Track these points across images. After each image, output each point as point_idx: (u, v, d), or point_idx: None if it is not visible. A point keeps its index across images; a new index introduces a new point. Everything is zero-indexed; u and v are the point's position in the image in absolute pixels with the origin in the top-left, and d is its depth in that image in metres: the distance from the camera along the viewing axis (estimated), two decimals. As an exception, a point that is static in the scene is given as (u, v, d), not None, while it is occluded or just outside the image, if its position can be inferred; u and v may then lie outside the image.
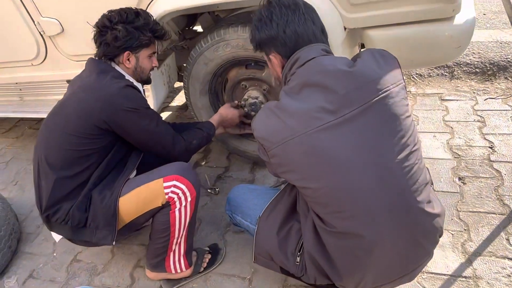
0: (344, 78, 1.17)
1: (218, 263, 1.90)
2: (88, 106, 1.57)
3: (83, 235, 1.64)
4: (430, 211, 1.22)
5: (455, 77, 2.99)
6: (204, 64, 2.03)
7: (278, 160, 1.25)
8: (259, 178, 2.40)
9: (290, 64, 1.30)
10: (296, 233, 1.40)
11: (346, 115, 1.15)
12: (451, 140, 2.40)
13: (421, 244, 1.25)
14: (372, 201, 1.16)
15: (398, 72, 1.24)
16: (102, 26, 1.65)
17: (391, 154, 1.16)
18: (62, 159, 1.60)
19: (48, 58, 2.33)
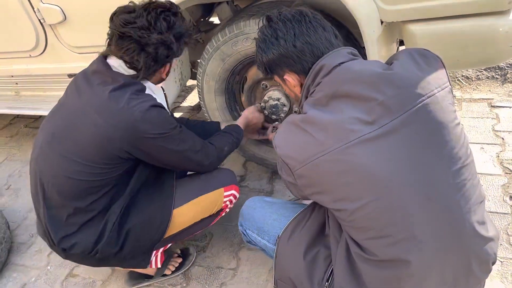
0: (380, 84, 1.14)
1: (185, 268, 2.00)
2: (106, 134, 1.47)
3: (111, 263, 1.74)
4: (484, 234, 1.18)
5: (508, 81, 2.93)
6: (221, 60, 2.03)
7: (307, 181, 1.22)
8: (279, 189, 2.38)
9: (313, 74, 1.26)
10: (324, 260, 1.37)
11: (386, 126, 1.11)
12: (502, 153, 2.35)
13: (473, 271, 1.20)
14: (419, 225, 1.12)
15: (443, 73, 1.21)
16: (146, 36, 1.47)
17: (439, 169, 1.12)
18: (75, 190, 1.54)
19: (48, 49, 2.37)
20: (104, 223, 1.59)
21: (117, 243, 1.61)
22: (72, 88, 1.62)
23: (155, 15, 1.50)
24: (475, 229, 1.16)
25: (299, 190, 1.29)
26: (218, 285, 1.91)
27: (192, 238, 2.14)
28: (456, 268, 1.18)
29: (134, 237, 1.63)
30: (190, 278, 1.97)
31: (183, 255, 2.02)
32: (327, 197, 1.22)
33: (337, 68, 1.22)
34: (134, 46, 1.49)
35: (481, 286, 1.29)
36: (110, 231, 1.58)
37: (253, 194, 2.35)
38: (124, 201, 1.62)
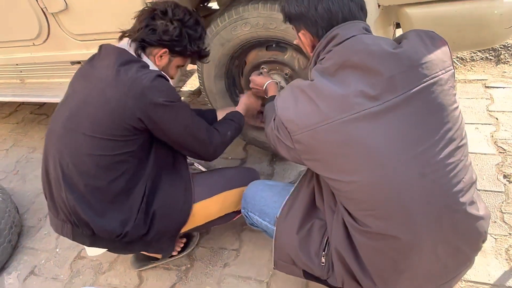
0: (388, 60, 1.13)
1: (189, 249, 2.01)
2: (119, 104, 1.47)
3: (136, 248, 1.74)
4: (474, 213, 1.18)
5: (501, 62, 2.90)
6: (220, 45, 2.01)
7: (304, 148, 1.21)
8: (278, 171, 2.38)
9: (326, 41, 1.25)
10: (318, 231, 1.39)
11: (389, 102, 1.11)
12: (496, 133, 2.33)
13: (463, 250, 1.22)
14: (411, 201, 1.12)
15: (448, 56, 1.20)
16: (161, 12, 1.61)
17: (435, 149, 1.12)
18: (95, 167, 1.53)
19: (50, 38, 2.34)
20: (130, 204, 1.58)
21: (145, 225, 1.61)
22: (77, 77, 1.65)
23: (181, 6, 1.64)
24: (465, 208, 1.17)
25: (295, 153, 1.27)
26: (222, 266, 1.92)
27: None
28: (447, 246, 1.19)
29: (160, 220, 1.63)
30: (194, 259, 1.98)
31: (186, 237, 2.02)
32: (323, 166, 1.22)
33: (350, 39, 1.21)
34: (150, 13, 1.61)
35: (470, 263, 1.30)
36: (137, 212, 1.58)
37: (254, 176, 2.35)
38: (145, 182, 1.61)
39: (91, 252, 1.77)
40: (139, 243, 1.65)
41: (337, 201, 1.30)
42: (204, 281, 1.87)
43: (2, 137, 3.23)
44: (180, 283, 1.89)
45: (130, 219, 1.57)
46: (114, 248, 1.70)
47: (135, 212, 1.58)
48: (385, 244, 1.19)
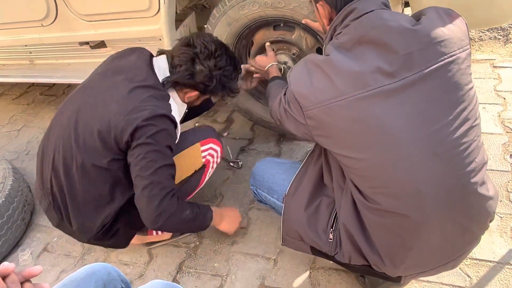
0: (407, 37, 1.10)
1: None
2: (114, 118, 1.44)
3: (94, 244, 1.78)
4: (485, 193, 1.17)
5: (510, 41, 2.84)
6: (227, 24, 1.98)
7: (316, 123, 1.19)
8: (286, 151, 2.37)
9: (344, 15, 1.21)
10: (326, 208, 1.38)
11: (406, 79, 1.08)
12: (503, 112, 2.30)
13: (470, 229, 1.21)
14: (423, 179, 1.11)
15: (466, 35, 1.16)
16: (204, 57, 1.55)
17: (449, 128, 1.10)
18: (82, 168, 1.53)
19: (58, 18, 2.31)
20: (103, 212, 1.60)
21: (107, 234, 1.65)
22: (103, 68, 1.64)
23: (223, 52, 1.58)
24: (477, 188, 1.15)
25: (306, 129, 1.24)
26: (230, 243, 1.93)
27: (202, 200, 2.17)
28: (456, 225, 1.18)
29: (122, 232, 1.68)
30: (203, 236, 1.99)
31: None
32: (335, 142, 1.20)
33: (369, 14, 1.17)
34: (191, 54, 1.55)
35: (477, 241, 1.29)
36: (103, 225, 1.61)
37: (261, 156, 2.35)
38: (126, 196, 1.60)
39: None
40: (98, 242, 1.72)
41: (346, 178, 1.29)
42: (213, 258, 1.88)
43: (13, 118, 3.24)
44: (189, 259, 1.90)
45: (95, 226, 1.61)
46: (75, 237, 1.75)
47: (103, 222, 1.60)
48: (394, 222, 1.18)
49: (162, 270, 1.88)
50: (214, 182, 2.26)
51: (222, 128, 2.66)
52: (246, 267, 1.82)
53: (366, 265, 1.34)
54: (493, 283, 1.59)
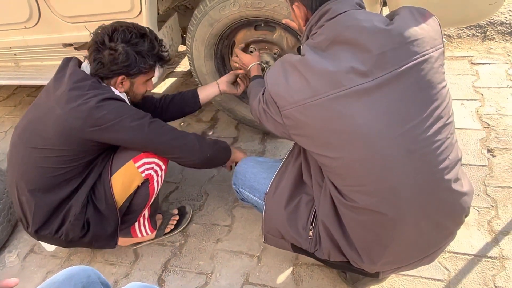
0: (380, 36, 1.09)
1: (182, 226, 2.00)
2: (68, 124, 1.49)
3: (81, 245, 1.77)
4: (459, 189, 1.17)
5: (487, 38, 2.86)
6: (209, 25, 1.96)
7: (293, 123, 1.18)
8: (270, 149, 2.36)
9: (318, 15, 1.20)
10: (306, 205, 1.37)
11: (379, 78, 1.07)
12: (481, 108, 2.32)
13: (445, 225, 1.21)
14: (398, 177, 1.11)
15: (439, 34, 1.16)
16: (101, 43, 1.54)
17: (423, 126, 1.09)
18: (41, 177, 1.58)
19: (41, 20, 2.27)
20: (67, 209, 1.62)
21: (82, 230, 1.65)
22: (46, 87, 1.65)
23: (120, 30, 1.54)
24: (450, 185, 1.15)
25: (283, 128, 1.24)
26: (215, 241, 1.92)
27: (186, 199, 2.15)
28: (431, 221, 1.18)
29: (94, 225, 1.66)
30: (188, 235, 1.98)
31: (180, 214, 2.02)
32: (311, 141, 1.19)
33: (342, 14, 1.16)
34: (93, 46, 1.56)
35: (452, 236, 1.30)
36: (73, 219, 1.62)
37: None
38: (86, 192, 1.63)
39: (48, 248, 1.85)
40: (79, 242, 1.72)
41: (324, 176, 1.28)
42: (198, 256, 1.87)
43: (0, 119, 3.19)
44: (174, 258, 1.89)
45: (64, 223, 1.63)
46: (58, 244, 1.75)
47: (72, 218, 1.62)
48: (371, 219, 1.18)
49: (148, 269, 1.86)
50: (199, 181, 2.25)
51: (207, 127, 2.65)
52: (230, 264, 1.80)
53: (345, 262, 1.34)
54: (471, 275, 1.59)
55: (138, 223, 1.85)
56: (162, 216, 1.99)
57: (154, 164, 1.66)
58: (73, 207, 1.62)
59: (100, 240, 1.72)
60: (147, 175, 1.65)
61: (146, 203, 1.75)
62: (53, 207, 1.62)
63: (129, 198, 1.69)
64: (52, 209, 1.62)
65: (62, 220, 1.63)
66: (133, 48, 1.55)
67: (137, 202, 1.72)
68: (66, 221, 1.63)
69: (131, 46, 1.54)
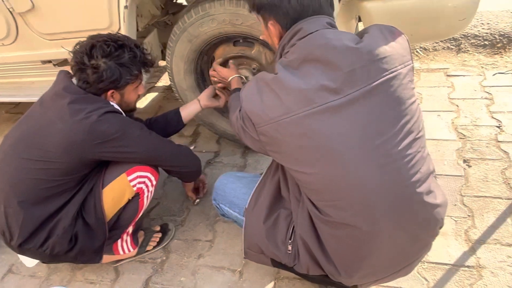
0: (349, 55, 1.12)
1: (164, 244, 1.98)
2: (69, 139, 1.49)
3: (65, 259, 1.73)
4: (432, 201, 1.19)
5: (462, 51, 2.94)
6: (188, 41, 1.98)
7: (268, 139, 1.20)
8: (251, 163, 2.37)
9: (290, 35, 1.23)
10: (284, 220, 1.38)
11: (349, 96, 1.10)
12: (457, 119, 2.37)
13: (420, 237, 1.23)
14: (370, 191, 1.13)
15: (407, 51, 1.20)
16: (81, 63, 1.53)
17: (394, 141, 1.12)
18: (33, 189, 1.56)
19: (19, 38, 2.26)
20: (56, 222, 1.60)
21: (69, 243, 1.63)
22: (40, 100, 1.64)
23: (95, 43, 1.54)
24: (423, 198, 1.18)
25: (260, 145, 1.26)
26: (196, 257, 1.91)
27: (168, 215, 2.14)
28: (405, 234, 1.20)
29: (81, 239, 1.65)
30: (169, 251, 1.96)
31: (162, 231, 2.00)
32: (286, 157, 1.21)
33: (313, 33, 1.19)
34: (75, 67, 1.56)
35: (428, 248, 1.32)
36: (61, 232, 1.60)
37: (227, 169, 2.34)
38: (76, 205, 1.62)
39: (28, 263, 1.80)
40: (64, 256, 1.69)
41: (301, 191, 1.30)
42: (179, 273, 1.85)
43: (-22, 137, 3.14)
44: (156, 275, 1.86)
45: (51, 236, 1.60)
46: (40, 258, 1.72)
47: (61, 231, 1.60)
48: (346, 233, 1.19)
49: (129, 287, 1.84)
50: (180, 196, 2.24)
51: (189, 141, 2.64)
52: (212, 280, 1.79)
53: (324, 275, 1.35)
54: (450, 285, 1.61)
55: (121, 240, 1.83)
56: (144, 233, 1.98)
57: (147, 178, 1.67)
58: (62, 220, 1.59)
59: (86, 254, 1.69)
60: (138, 189, 1.66)
61: (134, 218, 1.74)
62: (42, 220, 1.59)
63: (118, 212, 1.68)
64: (40, 222, 1.59)
65: (49, 233, 1.60)
66: (115, 61, 1.54)
67: (125, 216, 1.71)
68: (53, 234, 1.60)
69: (112, 59, 1.54)
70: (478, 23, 3.00)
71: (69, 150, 1.51)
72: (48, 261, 1.75)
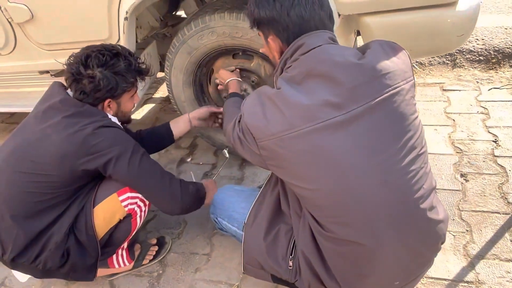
0: (352, 70, 1.11)
1: (161, 257, 1.94)
2: (62, 151, 1.47)
3: (57, 275, 1.70)
4: (434, 217, 1.18)
5: (457, 66, 2.96)
6: (187, 53, 1.97)
7: (269, 154, 1.18)
8: (248, 175, 2.35)
9: (293, 49, 1.22)
10: (284, 235, 1.36)
11: (353, 111, 1.09)
12: (453, 134, 2.37)
13: (423, 253, 1.22)
14: (374, 207, 1.11)
15: (409, 67, 1.19)
16: (77, 74, 1.52)
17: (397, 157, 1.11)
18: (26, 202, 1.53)
19: (17, 48, 2.25)
20: (48, 237, 1.57)
21: (61, 259, 1.60)
22: (33, 112, 1.61)
23: (90, 53, 1.53)
24: (426, 214, 1.16)
25: (260, 159, 1.23)
26: (193, 271, 1.87)
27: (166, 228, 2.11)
28: (408, 250, 1.19)
29: (73, 256, 1.62)
30: (166, 264, 1.93)
31: (159, 244, 1.97)
32: (288, 172, 1.19)
33: (316, 49, 1.17)
34: (71, 78, 1.54)
35: (430, 264, 1.30)
36: (53, 247, 1.57)
37: (225, 181, 2.32)
38: (68, 220, 1.59)
39: (21, 278, 1.76)
40: (56, 272, 1.66)
41: (302, 206, 1.28)
42: (176, 287, 1.81)
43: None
44: (152, 289, 1.83)
45: (43, 251, 1.57)
46: (34, 274, 1.69)
47: (53, 246, 1.57)
48: (349, 249, 1.17)
49: (124, 302, 1.80)
50: (177, 208, 2.21)
51: (186, 153, 2.62)
52: (209, 294, 1.76)
53: (326, 293, 1.32)
54: (449, 300, 1.60)
55: (116, 254, 1.80)
56: (141, 246, 1.94)
57: (138, 199, 1.63)
58: (54, 235, 1.56)
59: (78, 271, 1.66)
60: (130, 210, 1.61)
61: (127, 237, 1.71)
62: (35, 234, 1.55)
63: (109, 231, 1.64)
64: (33, 236, 1.55)
65: (42, 248, 1.57)
66: (111, 69, 1.53)
67: (118, 236, 1.68)
68: (45, 249, 1.57)
69: (108, 68, 1.53)
70: (473, 38, 3.02)
71: (62, 162, 1.48)
72: (41, 276, 1.71)
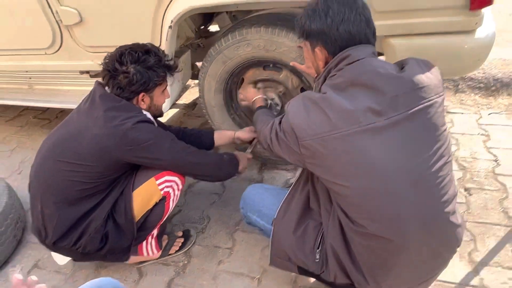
0: (393, 82, 1.16)
1: (186, 248, 1.97)
2: (102, 143, 1.52)
3: (95, 258, 1.75)
4: (455, 221, 1.22)
5: (459, 91, 3.02)
6: (222, 62, 2.01)
7: (310, 153, 1.21)
8: (267, 179, 2.38)
9: (338, 59, 1.26)
10: (313, 230, 1.39)
11: (392, 118, 1.13)
12: (457, 151, 2.41)
13: (442, 253, 1.26)
14: (404, 207, 1.15)
15: (441, 83, 1.24)
16: (113, 70, 1.57)
17: (428, 163, 1.15)
18: (69, 190, 1.58)
19: (63, 48, 2.29)
20: (88, 222, 1.61)
21: (101, 242, 1.64)
22: (78, 108, 1.66)
23: (123, 51, 1.59)
24: (449, 217, 1.21)
25: (300, 157, 1.26)
26: (217, 263, 1.89)
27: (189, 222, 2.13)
28: (431, 249, 1.22)
29: (112, 239, 1.66)
30: (191, 256, 1.94)
31: (184, 236, 1.99)
32: (326, 170, 1.22)
33: (360, 60, 1.22)
34: (108, 74, 1.60)
35: (445, 265, 1.34)
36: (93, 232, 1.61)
37: (245, 183, 2.33)
38: (107, 207, 1.63)
39: (60, 261, 1.79)
40: (95, 255, 1.70)
41: (333, 202, 1.31)
42: (201, 276, 1.83)
43: (7, 138, 3.12)
44: (178, 277, 1.84)
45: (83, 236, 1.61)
46: (74, 256, 1.74)
47: (91, 231, 1.61)
48: (378, 244, 1.20)
49: None
50: (201, 204, 2.24)
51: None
52: (232, 285, 1.78)
53: (349, 284, 1.35)
54: (456, 302, 1.62)
55: (146, 242, 1.82)
56: (168, 237, 1.96)
57: (173, 183, 1.68)
58: (94, 220, 1.60)
59: (114, 253, 1.70)
60: (165, 193, 1.66)
61: (160, 220, 1.74)
62: (75, 220, 1.59)
63: (145, 214, 1.68)
64: (74, 222, 1.59)
65: (81, 233, 1.61)
66: (143, 65, 1.58)
67: (152, 219, 1.71)
68: (85, 234, 1.60)
69: (140, 64, 1.58)
70: (474, 67, 3.09)
71: (103, 154, 1.53)
72: (80, 259, 1.74)
